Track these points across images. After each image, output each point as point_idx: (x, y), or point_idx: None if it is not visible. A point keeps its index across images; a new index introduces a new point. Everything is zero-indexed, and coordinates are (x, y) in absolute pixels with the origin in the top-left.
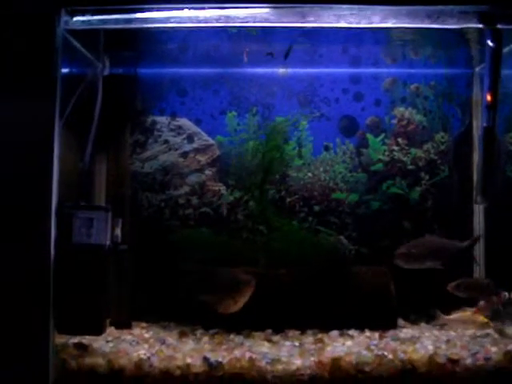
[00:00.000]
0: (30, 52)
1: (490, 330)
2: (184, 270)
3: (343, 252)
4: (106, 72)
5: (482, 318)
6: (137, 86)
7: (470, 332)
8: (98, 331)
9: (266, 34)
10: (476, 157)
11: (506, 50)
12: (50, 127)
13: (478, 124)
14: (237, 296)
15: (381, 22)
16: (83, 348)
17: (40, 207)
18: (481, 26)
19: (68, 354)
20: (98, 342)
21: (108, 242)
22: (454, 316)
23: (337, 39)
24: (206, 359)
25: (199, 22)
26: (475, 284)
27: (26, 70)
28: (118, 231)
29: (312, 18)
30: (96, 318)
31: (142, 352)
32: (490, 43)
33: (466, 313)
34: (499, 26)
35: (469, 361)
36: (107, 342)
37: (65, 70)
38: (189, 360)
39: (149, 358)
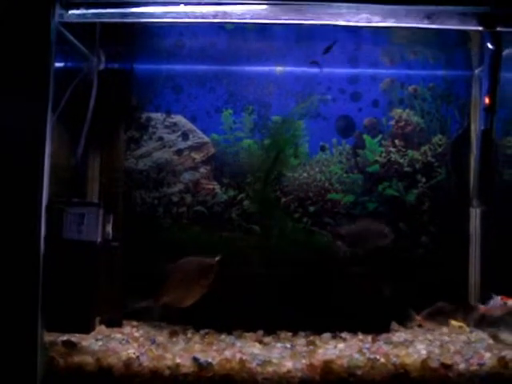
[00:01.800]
0: (24, 44)
1: (478, 335)
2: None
3: (338, 253)
4: (102, 67)
5: (455, 322)
6: (132, 81)
7: (464, 337)
8: (88, 329)
9: (263, 31)
10: (473, 160)
11: (505, 52)
12: (42, 121)
13: (476, 127)
14: (202, 280)
15: (380, 22)
16: (72, 346)
17: (30, 202)
18: (480, 28)
19: (56, 351)
20: (88, 340)
21: (99, 239)
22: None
23: (335, 38)
24: (195, 359)
25: (196, 17)
26: (442, 309)
27: (18, 63)
28: (110, 228)
29: (310, 16)
30: (85, 316)
31: (131, 351)
32: (489, 46)
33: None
34: (499, 29)
35: (462, 366)
36: (97, 340)
37: (59, 64)
38: (178, 360)
39: (138, 357)
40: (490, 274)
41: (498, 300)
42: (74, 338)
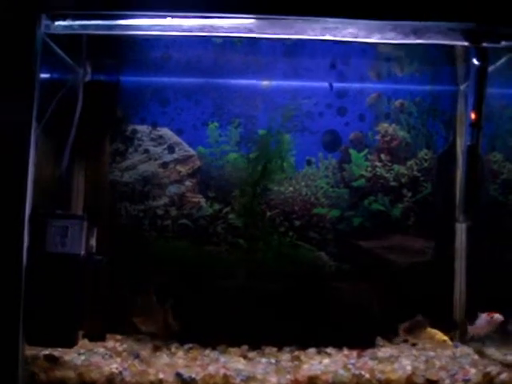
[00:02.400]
0: (9, 55)
1: (464, 350)
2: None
3: (323, 268)
4: (88, 78)
5: (440, 336)
6: (118, 93)
7: (449, 352)
8: (70, 343)
9: (250, 45)
10: (459, 175)
11: (491, 68)
12: (26, 132)
13: (461, 142)
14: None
15: (366, 37)
16: (54, 360)
17: (13, 214)
18: (466, 43)
19: (38, 366)
20: (70, 355)
21: (83, 252)
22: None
23: (322, 53)
24: (179, 375)
25: (183, 30)
26: (419, 324)
27: (4, 73)
28: (93, 241)
29: (296, 31)
30: (68, 330)
31: (114, 366)
32: (475, 61)
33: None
34: (485, 45)
35: (447, 382)
36: (79, 354)
37: (45, 75)
38: (161, 375)
39: (121, 372)
40: (475, 289)
41: (483, 317)
42: (57, 352)
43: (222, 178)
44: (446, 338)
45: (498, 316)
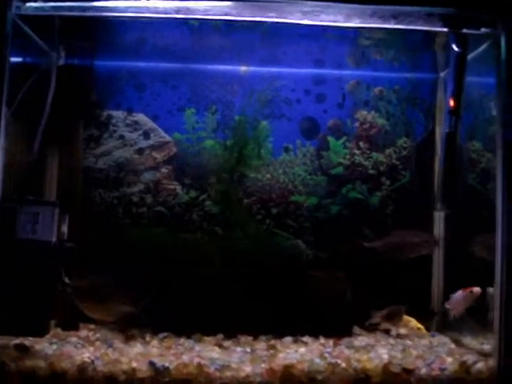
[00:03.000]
0: None
1: (441, 339)
2: None
3: (301, 256)
4: (61, 62)
5: (414, 323)
6: (93, 78)
7: (426, 341)
8: (42, 332)
9: (228, 29)
10: (438, 163)
11: (470, 56)
12: None
13: (440, 130)
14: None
15: (345, 22)
16: (24, 350)
17: None
18: (446, 29)
19: (8, 355)
20: (41, 344)
21: (54, 239)
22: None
23: (300, 39)
24: (152, 364)
25: (158, 12)
26: (395, 311)
27: None
28: (65, 228)
29: (274, 14)
30: (40, 319)
31: (86, 355)
32: (454, 47)
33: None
34: (465, 31)
35: (424, 371)
36: (51, 343)
37: (16, 59)
38: (135, 364)
39: (93, 361)
40: (453, 278)
41: (460, 293)
42: (28, 341)
43: (198, 164)
44: (420, 325)
45: (476, 289)
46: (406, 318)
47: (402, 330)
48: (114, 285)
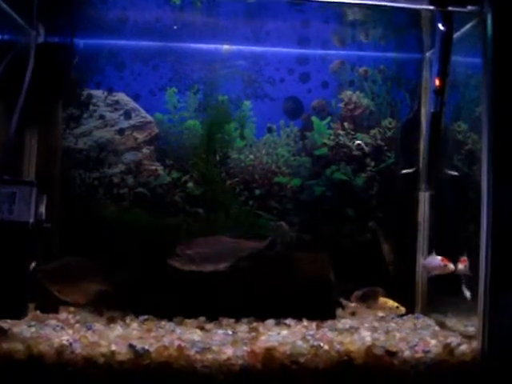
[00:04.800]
0: None
1: (424, 321)
2: None
3: (284, 238)
4: (40, 40)
5: (391, 303)
6: (72, 56)
7: (410, 324)
8: (19, 315)
9: (211, 7)
10: (423, 144)
11: (456, 35)
12: None
13: (426, 111)
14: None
15: None
16: (2, 332)
17: None
18: (431, 7)
19: None
20: (19, 327)
21: (32, 220)
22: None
23: (284, 17)
24: (131, 346)
25: None
26: (372, 293)
27: None
28: (43, 208)
29: None
30: (17, 301)
31: (64, 338)
32: (440, 26)
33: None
34: (450, 9)
35: (407, 353)
36: (29, 326)
37: None
38: (114, 347)
39: (71, 344)
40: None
41: (437, 260)
42: (5, 324)
43: (180, 145)
44: (397, 304)
45: (450, 266)
46: (382, 299)
47: (380, 313)
48: (87, 264)
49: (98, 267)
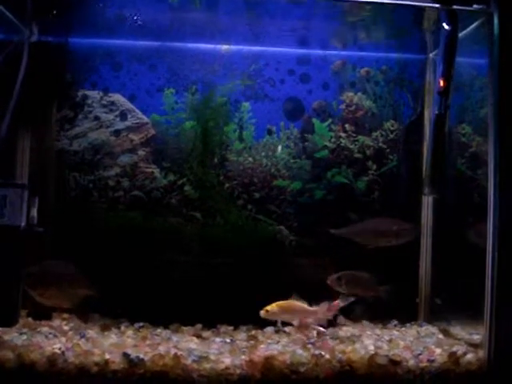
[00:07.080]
0: None
1: (428, 329)
2: None
3: (284, 243)
4: (34, 39)
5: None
6: (67, 56)
7: (414, 332)
8: (10, 322)
9: (209, 6)
10: (426, 146)
11: (461, 35)
12: None
13: (429, 113)
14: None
15: None
16: None
17: None
18: (436, 5)
19: None
20: (10, 334)
21: (23, 224)
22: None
23: (285, 17)
24: (126, 355)
25: None
26: (357, 278)
27: None
28: (35, 212)
29: None
30: (7, 308)
31: (57, 346)
32: (445, 25)
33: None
34: (455, 7)
35: (412, 362)
36: (21, 334)
37: None
38: (108, 356)
39: (63, 352)
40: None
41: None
42: None
43: (177, 147)
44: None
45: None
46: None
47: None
48: (71, 268)
49: (82, 271)
